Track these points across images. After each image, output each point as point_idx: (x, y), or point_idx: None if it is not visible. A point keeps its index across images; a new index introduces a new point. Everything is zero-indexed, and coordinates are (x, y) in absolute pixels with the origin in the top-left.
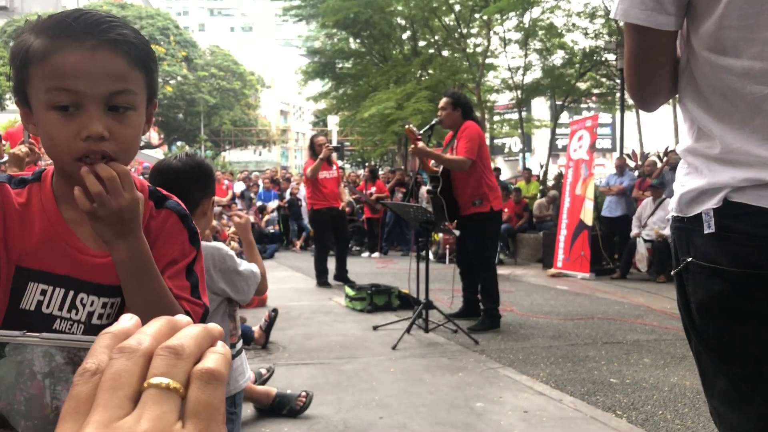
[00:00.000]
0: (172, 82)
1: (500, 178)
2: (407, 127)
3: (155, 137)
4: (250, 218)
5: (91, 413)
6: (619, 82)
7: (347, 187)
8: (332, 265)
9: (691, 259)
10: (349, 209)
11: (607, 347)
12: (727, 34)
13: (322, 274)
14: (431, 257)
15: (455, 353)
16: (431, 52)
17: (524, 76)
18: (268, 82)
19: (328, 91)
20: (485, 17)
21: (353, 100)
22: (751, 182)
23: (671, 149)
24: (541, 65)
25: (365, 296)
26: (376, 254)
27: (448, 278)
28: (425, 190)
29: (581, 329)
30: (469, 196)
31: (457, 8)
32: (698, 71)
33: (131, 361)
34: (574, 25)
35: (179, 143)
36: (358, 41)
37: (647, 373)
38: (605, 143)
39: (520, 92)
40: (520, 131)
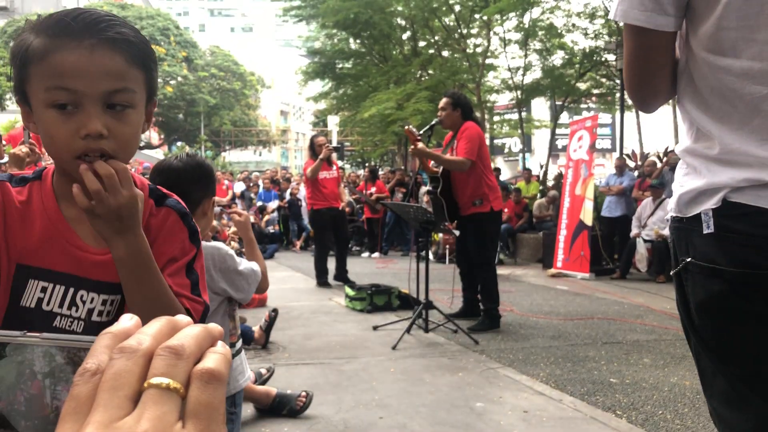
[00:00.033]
0: (172, 82)
1: (500, 178)
2: (407, 128)
3: (155, 138)
4: (249, 216)
5: (91, 413)
6: (618, 82)
7: (347, 187)
8: (332, 265)
9: (690, 259)
10: (349, 209)
11: (607, 347)
12: (725, 34)
13: (322, 274)
14: (431, 257)
15: (455, 353)
16: (431, 52)
17: (524, 76)
18: (268, 82)
19: (328, 91)
20: (485, 18)
21: (353, 100)
22: (750, 182)
23: (671, 149)
24: (541, 65)
25: (365, 296)
26: (376, 254)
27: (448, 278)
28: (425, 190)
29: (581, 329)
30: (469, 196)
31: (457, 9)
32: (697, 72)
33: (131, 361)
34: (573, 25)
35: (179, 143)
36: (358, 42)
37: (647, 373)
38: (605, 143)
39: (520, 92)
40: (520, 131)
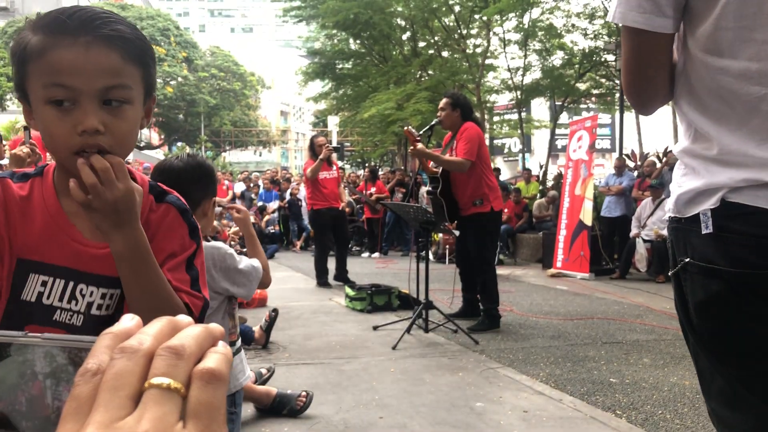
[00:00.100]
0: (172, 82)
1: (500, 178)
2: (406, 128)
3: (156, 138)
4: (249, 213)
5: (92, 413)
6: (618, 82)
7: (347, 187)
8: (332, 265)
9: (688, 259)
10: (349, 209)
11: (606, 347)
12: (723, 35)
13: (322, 274)
14: (431, 257)
15: (455, 353)
16: (431, 52)
17: (524, 76)
18: (268, 82)
19: (328, 91)
20: (485, 18)
21: (353, 100)
22: (748, 182)
23: (670, 149)
24: (540, 66)
25: (365, 296)
26: (376, 254)
27: (447, 278)
28: (425, 191)
29: (581, 329)
30: (469, 196)
31: (456, 9)
32: (694, 74)
33: (132, 361)
34: (573, 25)
35: (180, 144)
36: (358, 42)
37: (647, 373)
38: (605, 143)
39: (519, 93)
40: (519, 132)
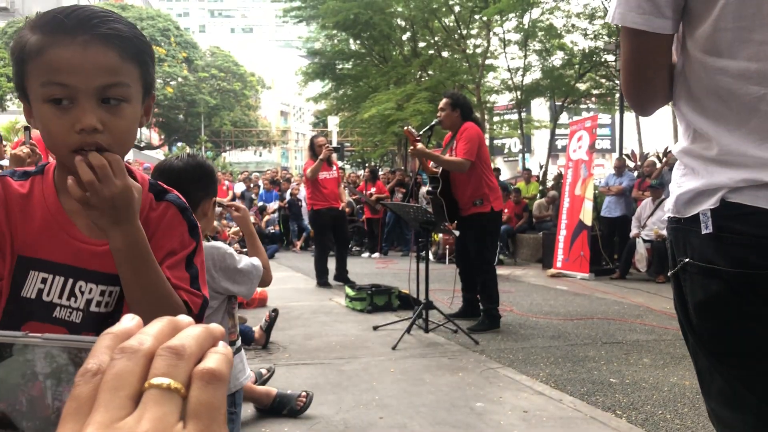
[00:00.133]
0: (172, 83)
1: (500, 178)
2: (406, 128)
3: (156, 138)
4: (248, 210)
5: (92, 413)
6: (618, 82)
7: (347, 187)
8: (332, 265)
9: (688, 259)
10: (349, 210)
11: (606, 347)
12: (722, 35)
13: (322, 274)
14: (431, 257)
15: (455, 353)
16: (431, 53)
17: (524, 77)
18: (268, 83)
19: (328, 92)
20: (485, 18)
21: (353, 101)
22: (748, 183)
23: (670, 149)
24: (540, 66)
25: (365, 296)
26: (376, 254)
27: (447, 278)
28: (425, 191)
29: (581, 329)
30: (469, 196)
31: (456, 9)
32: (693, 74)
33: (132, 361)
34: (573, 26)
35: (180, 144)
36: (358, 42)
37: (647, 373)
38: (605, 144)
39: (519, 93)
40: (519, 132)
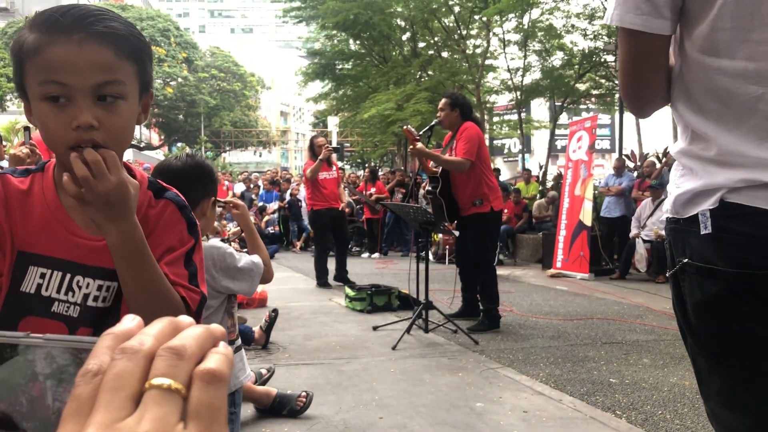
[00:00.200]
0: (172, 83)
1: (500, 178)
2: (405, 127)
3: (156, 138)
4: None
5: (92, 414)
6: (618, 83)
7: (347, 187)
8: (332, 265)
9: (687, 260)
10: (348, 210)
11: (606, 347)
12: (720, 35)
13: (322, 274)
14: (431, 258)
15: (455, 353)
16: (431, 53)
17: (523, 77)
18: (268, 83)
19: (328, 92)
20: (484, 19)
21: (353, 101)
22: (746, 183)
23: (670, 150)
24: (540, 66)
25: (365, 297)
26: (375, 255)
27: (448, 278)
28: (426, 190)
29: (581, 329)
30: (468, 196)
31: (456, 10)
32: (691, 75)
33: (133, 362)
34: (573, 26)
35: (180, 144)
36: (357, 42)
37: (647, 373)
38: (604, 144)
39: (519, 93)
40: (519, 132)
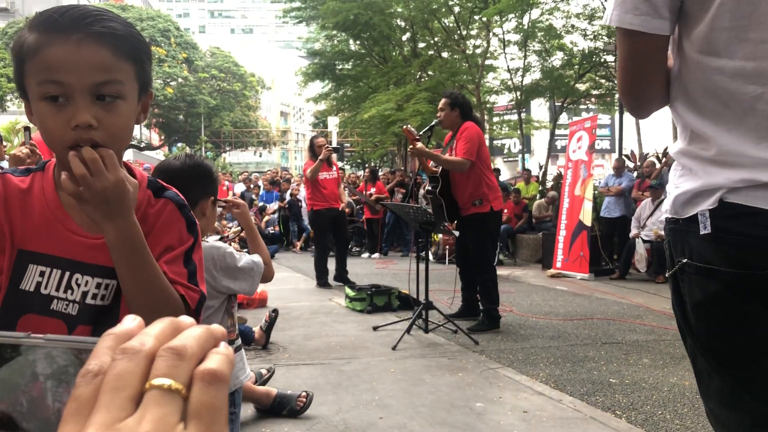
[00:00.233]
0: (172, 83)
1: (500, 178)
2: (405, 127)
3: (156, 139)
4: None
5: (92, 414)
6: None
7: (347, 188)
8: (332, 265)
9: (686, 260)
10: (348, 210)
11: (606, 347)
12: (719, 35)
13: (322, 274)
14: (431, 258)
15: (455, 353)
16: (431, 53)
17: (523, 77)
18: (268, 83)
19: (328, 92)
20: (484, 19)
21: (353, 101)
22: (746, 183)
23: (669, 150)
24: (540, 66)
25: (365, 297)
26: (375, 255)
27: (448, 278)
28: (426, 190)
29: (580, 329)
30: (468, 196)
31: (456, 10)
32: (689, 75)
33: (133, 362)
34: (573, 26)
35: (180, 144)
36: (357, 43)
37: (646, 373)
38: (604, 144)
39: (519, 93)
40: (519, 132)
